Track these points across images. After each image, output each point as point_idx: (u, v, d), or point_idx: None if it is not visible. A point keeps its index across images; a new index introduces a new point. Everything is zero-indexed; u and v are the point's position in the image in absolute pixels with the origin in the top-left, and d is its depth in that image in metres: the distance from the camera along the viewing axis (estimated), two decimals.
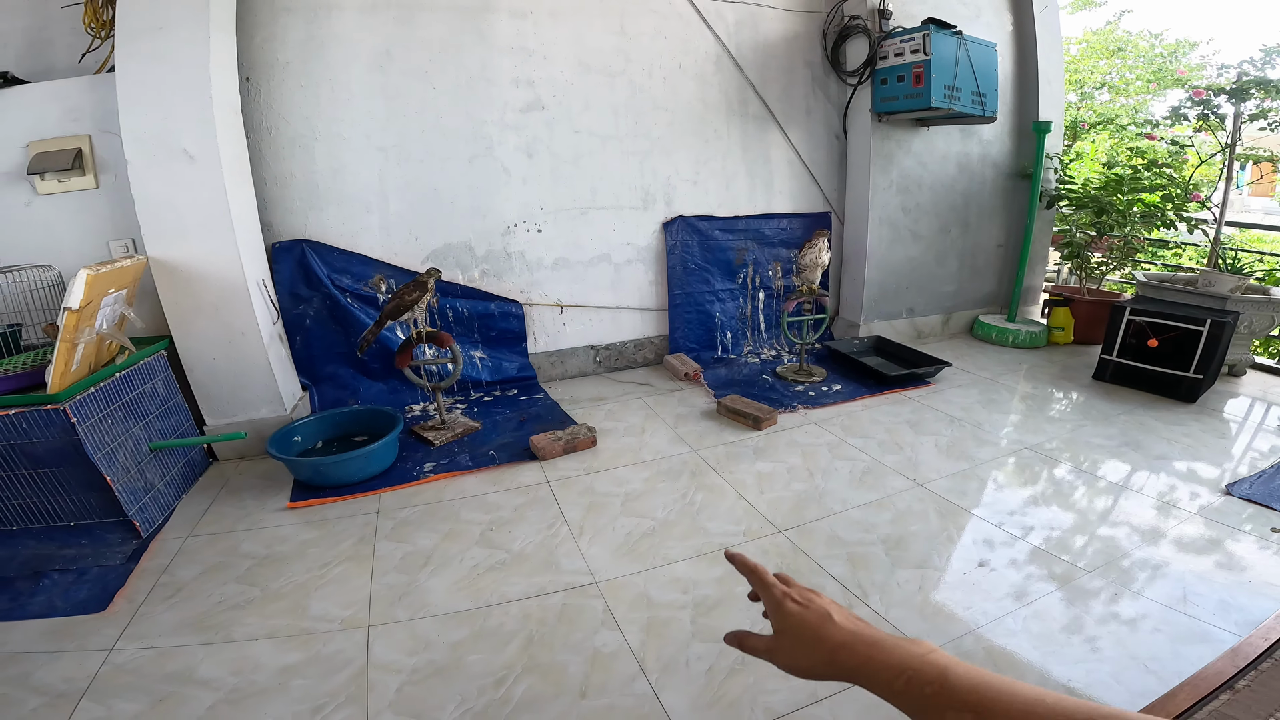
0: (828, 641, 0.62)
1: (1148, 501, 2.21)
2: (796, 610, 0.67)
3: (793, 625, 0.66)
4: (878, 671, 0.56)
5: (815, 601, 0.68)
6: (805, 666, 0.64)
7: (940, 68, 3.39)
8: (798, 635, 0.65)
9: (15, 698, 1.45)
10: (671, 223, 3.69)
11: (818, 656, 0.62)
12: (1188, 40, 10.22)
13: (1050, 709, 0.43)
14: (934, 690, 0.50)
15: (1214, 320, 2.98)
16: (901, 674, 0.54)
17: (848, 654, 0.60)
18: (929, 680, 0.51)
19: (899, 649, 0.56)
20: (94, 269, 1.91)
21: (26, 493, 2.02)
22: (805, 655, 0.64)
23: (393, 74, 2.99)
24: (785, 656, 0.66)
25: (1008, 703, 0.45)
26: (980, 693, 0.47)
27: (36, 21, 2.54)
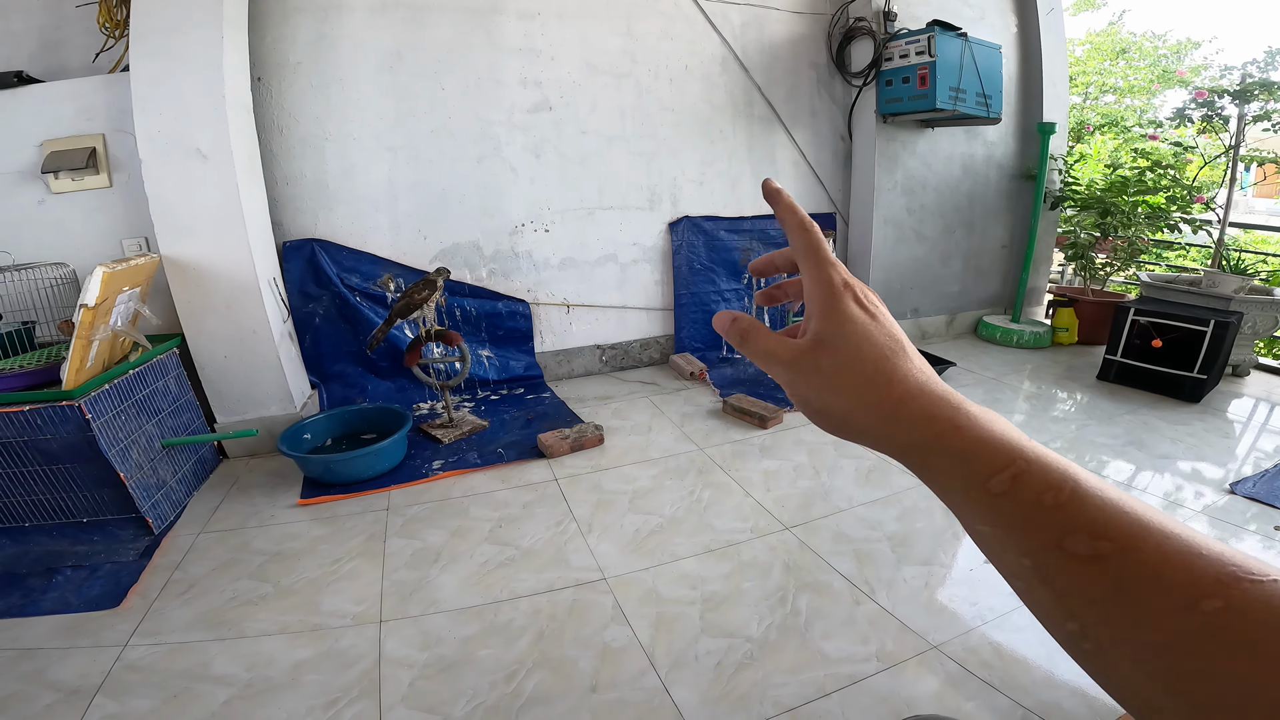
0: (896, 383, 0.37)
1: (1152, 500, 2.22)
2: (860, 317, 0.39)
3: (851, 338, 0.38)
4: (968, 454, 0.34)
5: (885, 315, 0.40)
6: (843, 410, 0.38)
7: (945, 69, 3.41)
8: (853, 356, 0.38)
9: (30, 694, 1.46)
10: (677, 223, 3.70)
11: (871, 401, 0.37)
12: (1191, 40, 10.22)
13: (1218, 556, 0.28)
14: (1057, 500, 0.31)
15: (1218, 321, 2.99)
16: (1009, 465, 0.33)
17: (922, 412, 0.36)
18: (1052, 484, 0.31)
19: (996, 425, 0.35)
20: (110, 266, 1.93)
21: (40, 489, 2.03)
22: (852, 393, 0.38)
23: (402, 74, 3.01)
24: (817, 385, 0.39)
25: (1160, 538, 0.29)
26: (1126, 518, 0.30)
27: (51, 21, 2.56)
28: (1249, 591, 0.27)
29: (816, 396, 0.39)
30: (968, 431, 0.34)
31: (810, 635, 1.60)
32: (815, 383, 0.39)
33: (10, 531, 2.06)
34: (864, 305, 0.40)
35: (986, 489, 0.33)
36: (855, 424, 0.38)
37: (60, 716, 1.39)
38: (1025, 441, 0.34)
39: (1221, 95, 3.66)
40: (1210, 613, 0.27)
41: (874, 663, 1.50)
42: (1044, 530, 0.31)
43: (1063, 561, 0.30)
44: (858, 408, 0.38)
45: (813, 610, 1.70)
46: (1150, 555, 0.29)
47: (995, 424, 0.35)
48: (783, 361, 0.41)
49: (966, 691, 1.42)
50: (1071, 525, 0.30)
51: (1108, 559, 0.29)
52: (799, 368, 0.40)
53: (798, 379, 0.40)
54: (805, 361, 0.40)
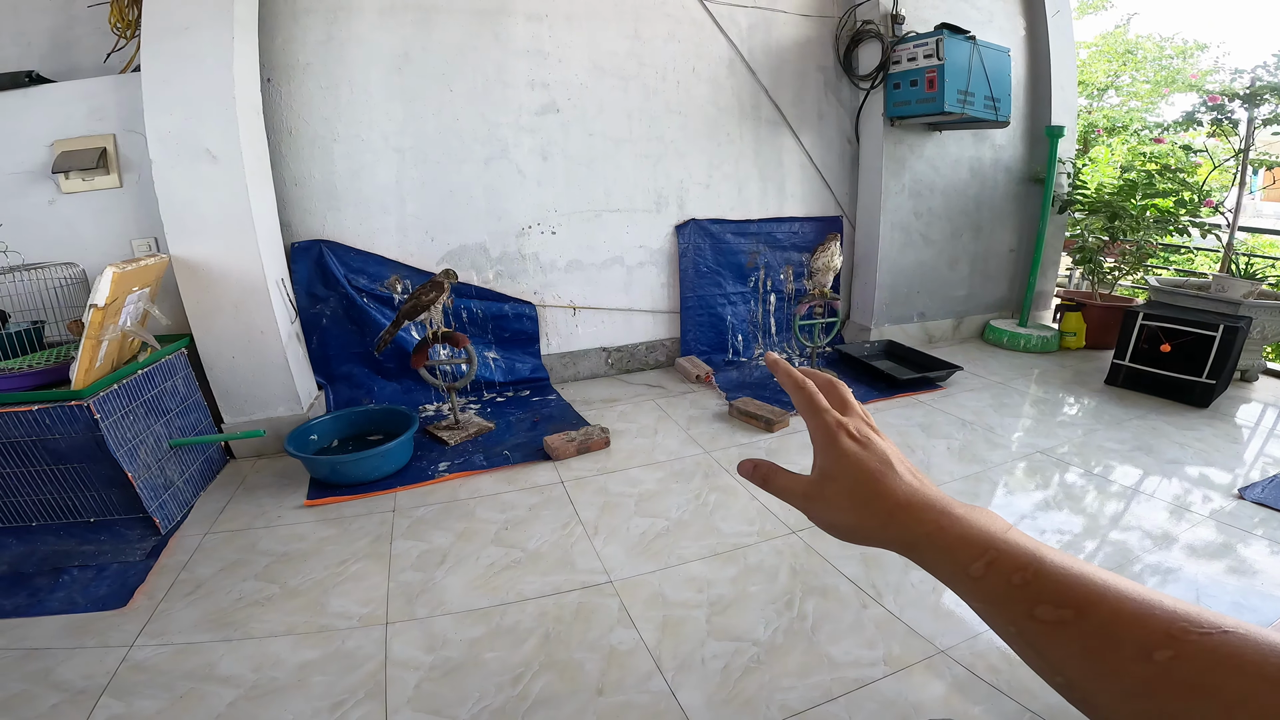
0: (887, 497, 0.47)
1: (1160, 505, 2.21)
2: (853, 449, 0.50)
3: (847, 469, 0.49)
4: (951, 547, 0.43)
5: (875, 441, 0.51)
6: (850, 525, 0.49)
7: (953, 73, 3.40)
8: (851, 483, 0.49)
9: (35, 694, 1.46)
10: (684, 226, 3.70)
11: (871, 515, 0.47)
12: (1198, 43, 10.17)
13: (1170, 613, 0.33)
14: (1024, 579, 0.38)
15: (1227, 325, 2.97)
16: (983, 554, 0.41)
17: (911, 518, 0.45)
18: (1019, 566, 0.39)
19: (975, 522, 0.43)
20: (120, 267, 1.94)
21: (47, 488, 2.04)
22: (854, 511, 0.48)
23: (410, 76, 3.01)
24: (826, 509, 0.50)
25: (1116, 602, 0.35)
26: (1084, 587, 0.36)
27: (62, 21, 2.57)
28: (1197, 642, 0.32)
29: (828, 516, 0.50)
30: (949, 530, 0.43)
31: (817, 639, 1.60)
32: (825, 507, 0.50)
33: (17, 531, 2.07)
34: (855, 438, 0.51)
35: (968, 574, 0.41)
36: (862, 533, 0.49)
37: (66, 717, 1.39)
38: (1001, 532, 0.42)
39: (1231, 98, 3.64)
40: (1163, 662, 0.32)
41: (881, 667, 1.50)
42: (1017, 604, 0.38)
43: (1037, 628, 0.37)
44: (861, 521, 0.48)
45: (819, 614, 1.69)
46: (1106, 616, 0.35)
47: (975, 519, 0.43)
48: (798, 495, 0.53)
49: (974, 696, 1.41)
50: (1038, 598, 0.37)
51: (1070, 624, 0.36)
52: (810, 497, 0.52)
53: (812, 505, 0.51)
54: (814, 492, 0.51)
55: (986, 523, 0.43)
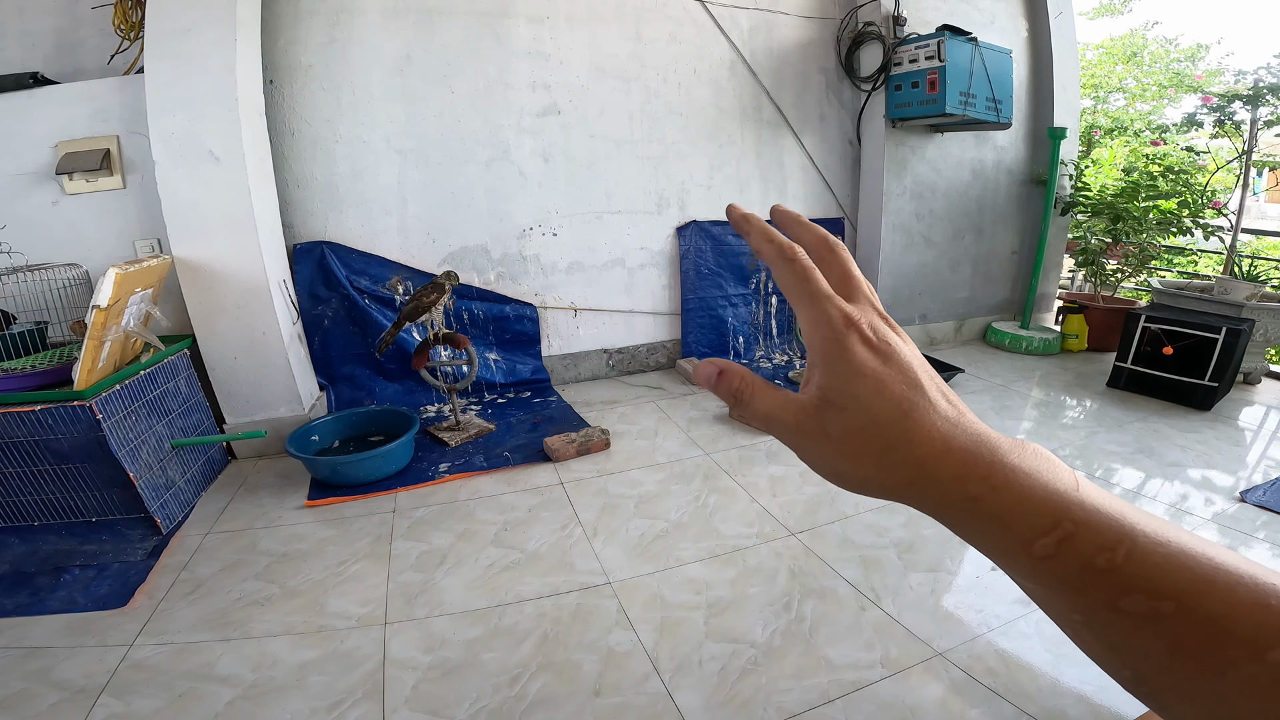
0: (918, 442, 0.31)
1: (1161, 508, 2.20)
2: (870, 365, 0.32)
3: (861, 395, 0.32)
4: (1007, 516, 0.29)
5: (898, 349, 0.34)
6: (862, 476, 0.33)
7: (955, 74, 3.40)
8: (866, 418, 0.32)
9: (35, 693, 1.46)
10: (685, 227, 3.71)
11: (893, 467, 0.32)
12: (1202, 44, 10.13)
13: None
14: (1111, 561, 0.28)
15: (1229, 328, 2.97)
16: (1055, 527, 0.29)
17: (950, 473, 0.30)
18: (1106, 545, 0.28)
19: (1039, 476, 0.30)
20: (122, 268, 1.94)
21: (49, 488, 2.05)
22: (869, 459, 0.32)
23: (412, 77, 3.02)
24: (827, 450, 0.33)
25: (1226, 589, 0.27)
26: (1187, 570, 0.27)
27: (66, 22, 2.59)
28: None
29: (829, 462, 0.34)
30: (1005, 492, 0.30)
31: (815, 641, 1.60)
32: (826, 448, 0.33)
33: (20, 530, 2.08)
34: (873, 345, 0.33)
35: (1030, 553, 0.29)
36: (877, 486, 0.33)
37: (65, 715, 1.40)
38: (1073, 494, 0.30)
39: (1233, 100, 3.63)
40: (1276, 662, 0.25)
41: (879, 669, 1.49)
42: (1096, 591, 0.28)
43: (1117, 619, 0.28)
44: (878, 472, 0.32)
45: (818, 616, 1.69)
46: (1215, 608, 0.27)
47: (1039, 474, 0.30)
48: (785, 425, 0.35)
49: (971, 699, 1.41)
50: (1127, 586, 0.28)
51: (1166, 618, 0.27)
52: (804, 431, 0.34)
53: (805, 444, 0.34)
54: (810, 425, 0.34)
55: (1051, 477, 0.30)
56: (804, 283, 0.35)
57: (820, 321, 0.34)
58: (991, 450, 0.31)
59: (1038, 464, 0.30)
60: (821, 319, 0.34)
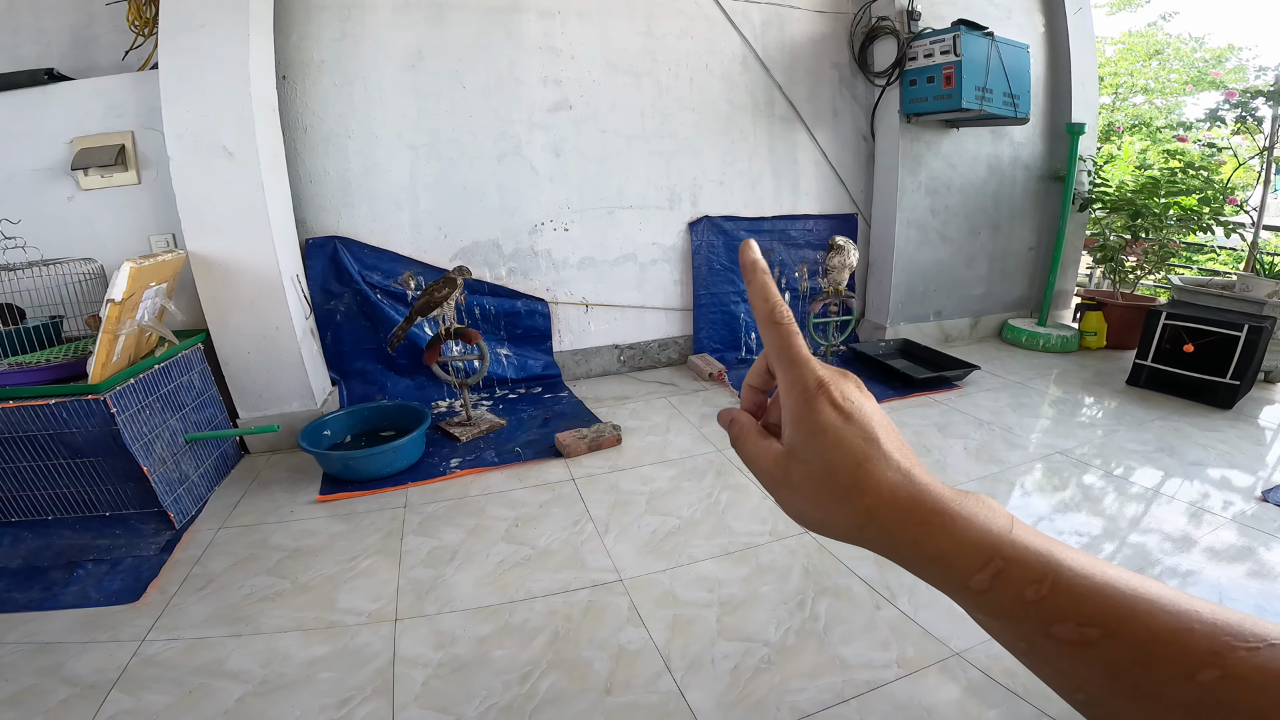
0: (868, 490, 0.36)
1: (1181, 507, 2.16)
2: (833, 422, 0.37)
3: (821, 449, 0.37)
4: (946, 555, 0.34)
5: (860, 410, 0.38)
6: (818, 520, 0.39)
7: (971, 69, 3.35)
8: (824, 467, 0.37)
9: (46, 688, 1.47)
10: (697, 223, 3.69)
11: (846, 511, 0.37)
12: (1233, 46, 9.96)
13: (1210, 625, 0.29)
14: (1039, 593, 0.31)
15: (1251, 325, 2.91)
16: (987, 563, 0.33)
17: (895, 518, 0.35)
18: (1033, 578, 0.32)
19: (975, 520, 0.34)
20: (137, 262, 1.95)
21: (63, 482, 2.06)
22: (826, 503, 0.38)
23: (424, 73, 3.02)
24: (792, 495, 0.40)
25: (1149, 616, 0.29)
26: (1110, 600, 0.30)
27: (81, 19, 2.60)
28: (1245, 660, 0.28)
29: (794, 504, 0.40)
30: (942, 535, 0.34)
31: (829, 640, 1.58)
32: (791, 494, 0.40)
33: (34, 525, 2.09)
34: (838, 406, 0.38)
35: (969, 588, 0.33)
36: (834, 530, 0.38)
37: (75, 711, 1.40)
38: (1006, 535, 0.33)
39: (1255, 96, 3.57)
40: (1207, 683, 0.28)
41: (894, 669, 1.47)
42: (1031, 621, 0.32)
43: (1055, 647, 0.31)
44: (832, 516, 0.38)
45: (832, 615, 1.67)
46: (1140, 634, 0.29)
47: (976, 518, 0.34)
48: (761, 470, 0.41)
49: (989, 700, 1.38)
50: (1057, 615, 0.31)
51: (1096, 644, 0.30)
52: (774, 477, 0.40)
53: (775, 487, 0.41)
54: (779, 472, 0.40)
55: (987, 520, 0.34)
56: (786, 348, 0.40)
57: (795, 384, 0.39)
58: (934, 499, 0.35)
59: (976, 509, 0.35)
60: (796, 381, 0.39)
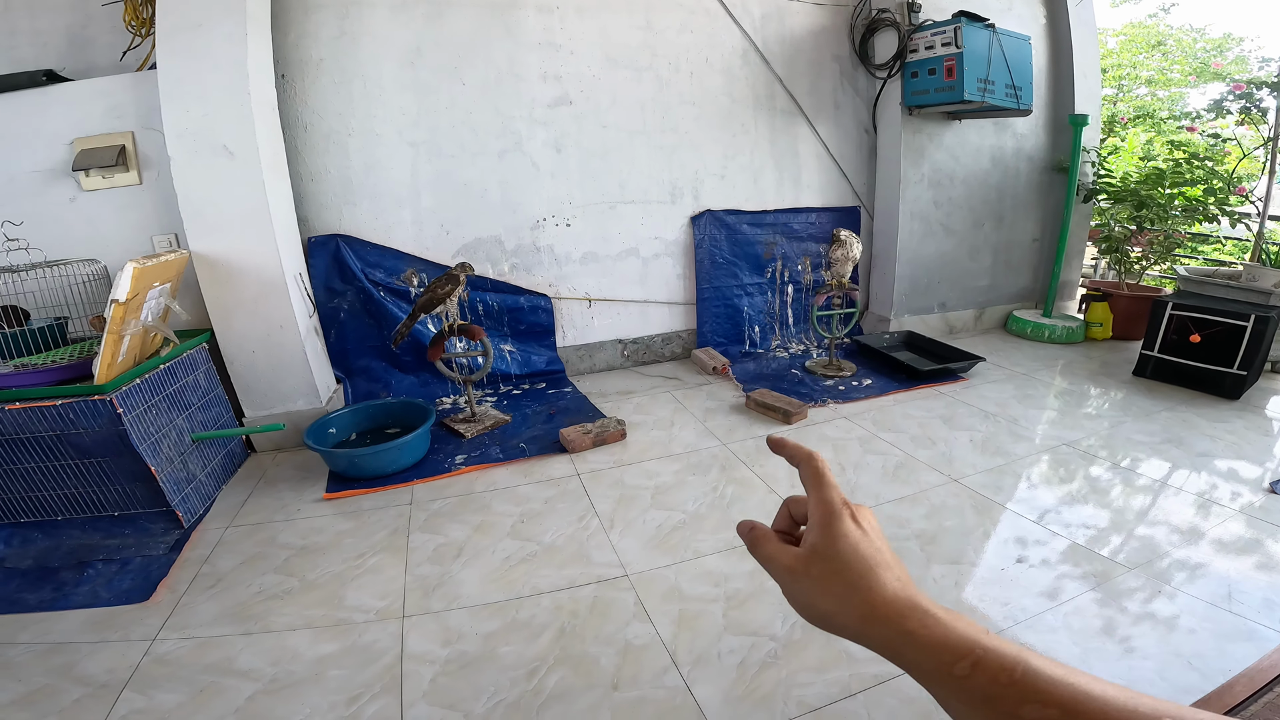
0: (875, 591, 0.45)
1: (1189, 499, 2.15)
2: (853, 533, 0.47)
3: (841, 551, 0.47)
4: (934, 646, 0.41)
5: (875, 533, 0.49)
6: (827, 611, 0.46)
7: (973, 61, 3.34)
8: (842, 566, 0.46)
9: (59, 688, 1.47)
10: (699, 217, 3.68)
11: (853, 606, 0.45)
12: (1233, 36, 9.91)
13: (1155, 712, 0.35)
14: (1011, 678, 0.38)
15: (1258, 315, 2.90)
16: (967, 655, 0.40)
17: (895, 615, 0.43)
18: (1006, 666, 0.39)
19: (958, 621, 0.42)
20: (140, 262, 1.95)
21: (72, 482, 2.06)
22: (837, 597, 0.46)
23: (423, 70, 3.01)
24: (808, 589, 0.48)
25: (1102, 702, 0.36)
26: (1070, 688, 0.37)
27: (78, 20, 2.60)
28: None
29: (806, 597, 0.48)
30: (934, 630, 0.42)
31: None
32: (806, 586, 0.48)
33: (43, 525, 2.10)
34: (858, 522, 0.48)
35: (952, 674, 0.40)
36: (837, 622, 0.46)
37: (88, 711, 1.40)
38: (982, 634, 0.41)
39: (1260, 87, 3.56)
40: None
41: None
42: (1002, 702, 0.38)
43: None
44: (840, 610, 0.46)
45: None
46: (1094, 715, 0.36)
47: (958, 621, 0.42)
48: (781, 566, 0.50)
49: None
50: (1024, 697, 0.38)
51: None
52: (794, 573, 0.49)
53: (795, 582, 0.49)
54: (799, 568, 0.48)
55: (968, 624, 0.42)
56: (819, 474, 0.51)
57: (825, 501, 0.50)
58: (927, 604, 0.44)
59: (958, 617, 0.43)
60: (826, 500, 0.50)
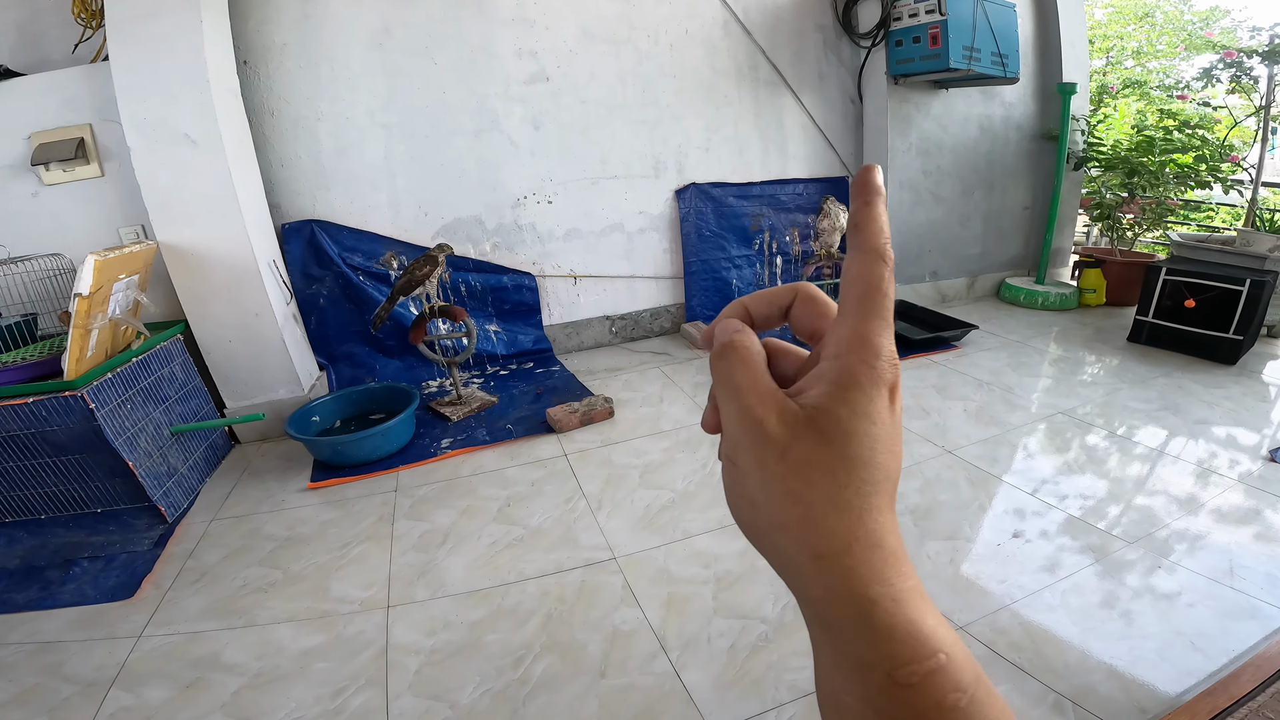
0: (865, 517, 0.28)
1: (1188, 468, 2.13)
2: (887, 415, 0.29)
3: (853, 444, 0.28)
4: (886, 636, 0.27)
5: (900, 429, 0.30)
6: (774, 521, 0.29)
7: (957, 28, 3.29)
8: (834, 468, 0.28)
9: (49, 688, 1.47)
10: (684, 190, 3.62)
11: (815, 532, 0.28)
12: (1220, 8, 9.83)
13: None
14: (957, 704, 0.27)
15: (1254, 280, 2.87)
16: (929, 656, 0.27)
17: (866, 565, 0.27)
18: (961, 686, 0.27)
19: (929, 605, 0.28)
20: (102, 255, 1.90)
21: (52, 480, 2.03)
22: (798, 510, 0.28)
23: (392, 51, 2.94)
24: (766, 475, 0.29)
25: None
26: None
27: (27, 14, 2.52)
28: None
29: (757, 487, 0.29)
30: (901, 609, 0.27)
31: None
32: (770, 467, 0.28)
33: (28, 524, 2.08)
34: (894, 404, 0.29)
35: (892, 676, 0.27)
36: (780, 540, 0.29)
37: (78, 710, 1.40)
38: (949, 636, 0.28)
39: (1250, 55, 3.51)
40: None
41: None
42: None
43: None
44: (801, 525, 0.28)
45: None
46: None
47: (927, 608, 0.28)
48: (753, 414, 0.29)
49: (995, 676, 1.36)
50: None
51: None
52: (766, 434, 0.29)
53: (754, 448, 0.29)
54: (779, 432, 0.28)
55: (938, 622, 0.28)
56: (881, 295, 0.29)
57: (869, 342, 0.29)
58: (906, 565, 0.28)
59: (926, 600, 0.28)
60: (872, 341, 0.29)
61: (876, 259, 0.30)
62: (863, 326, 0.29)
